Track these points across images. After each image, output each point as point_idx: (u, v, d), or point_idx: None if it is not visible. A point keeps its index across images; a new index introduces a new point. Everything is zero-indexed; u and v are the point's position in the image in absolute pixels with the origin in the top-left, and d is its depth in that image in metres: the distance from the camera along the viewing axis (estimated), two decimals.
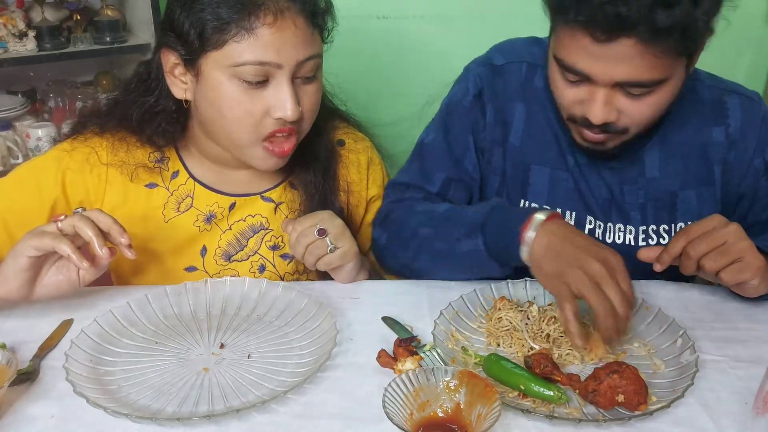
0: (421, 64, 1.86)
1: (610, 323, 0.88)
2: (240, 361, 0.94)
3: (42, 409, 0.85)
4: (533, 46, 1.22)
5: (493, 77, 1.21)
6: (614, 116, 1.01)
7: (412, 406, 0.79)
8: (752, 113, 1.15)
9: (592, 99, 1.00)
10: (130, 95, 1.16)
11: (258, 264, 1.21)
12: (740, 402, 0.86)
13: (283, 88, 1.03)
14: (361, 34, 1.81)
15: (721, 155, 1.15)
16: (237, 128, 1.06)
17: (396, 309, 1.06)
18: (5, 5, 2.16)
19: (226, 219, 1.20)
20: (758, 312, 1.06)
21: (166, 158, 1.19)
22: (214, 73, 1.04)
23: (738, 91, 1.17)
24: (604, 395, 0.83)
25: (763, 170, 1.15)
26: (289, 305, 1.06)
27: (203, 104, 1.08)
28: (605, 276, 0.89)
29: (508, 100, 1.20)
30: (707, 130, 1.15)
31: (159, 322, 1.03)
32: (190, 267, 1.19)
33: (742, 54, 2.13)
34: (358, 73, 1.29)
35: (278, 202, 1.22)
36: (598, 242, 0.97)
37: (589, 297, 0.89)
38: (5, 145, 2.13)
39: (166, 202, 1.18)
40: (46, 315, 1.03)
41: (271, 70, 1.03)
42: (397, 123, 1.31)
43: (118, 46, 2.19)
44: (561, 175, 1.17)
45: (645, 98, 1.00)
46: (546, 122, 1.19)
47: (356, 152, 1.27)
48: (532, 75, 1.20)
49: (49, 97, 2.33)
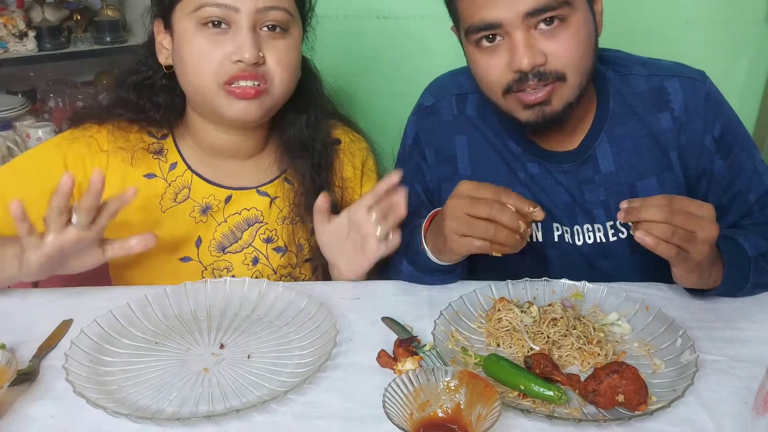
0: (421, 64, 1.86)
1: (515, 241, 0.96)
2: (240, 362, 0.94)
3: (41, 409, 0.85)
4: (459, 76, 1.26)
5: (425, 119, 1.25)
6: (541, 59, 1.01)
7: (412, 407, 0.79)
8: (694, 93, 1.14)
9: (513, 51, 1.01)
10: (129, 76, 1.19)
11: (251, 256, 1.22)
12: (740, 402, 0.86)
13: (241, 32, 1.06)
14: (361, 34, 1.81)
15: (673, 140, 1.15)
16: (197, 74, 1.09)
17: (396, 309, 1.06)
18: (5, 5, 2.17)
19: (222, 211, 1.21)
20: (758, 312, 1.06)
21: (164, 150, 1.20)
22: (182, 24, 1.09)
23: (678, 73, 1.16)
24: (604, 395, 0.83)
25: (714, 149, 1.15)
26: (289, 305, 1.06)
27: (176, 61, 1.12)
28: (493, 209, 0.95)
29: (446, 136, 1.23)
30: (653, 118, 1.15)
31: (159, 322, 1.03)
32: (184, 257, 1.20)
33: (742, 54, 2.13)
34: (357, 73, 1.30)
35: (273, 197, 1.23)
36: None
37: (491, 238, 0.96)
38: (5, 145, 2.13)
39: (164, 193, 1.19)
40: (46, 315, 1.03)
41: (230, 14, 1.06)
42: (397, 123, 1.32)
43: (118, 46, 2.20)
44: (517, 190, 1.17)
45: (560, 33, 1.01)
46: (488, 145, 1.21)
47: (352, 151, 1.29)
48: (463, 105, 1.23)
49: (49, 97, 2.33)
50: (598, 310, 1.06)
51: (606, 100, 1.16)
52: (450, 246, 1.02)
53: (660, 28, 2.04)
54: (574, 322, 0.98)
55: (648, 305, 1.03)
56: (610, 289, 1.08)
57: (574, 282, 1.10)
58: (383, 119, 1.60)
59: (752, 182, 1.15)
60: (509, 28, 1.00)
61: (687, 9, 2.05)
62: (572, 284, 1.10)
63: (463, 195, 0.99)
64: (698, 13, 2.06)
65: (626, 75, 1.17)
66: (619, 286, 1.10)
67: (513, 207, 0.96)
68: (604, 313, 1.05)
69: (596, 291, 1.09)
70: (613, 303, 1.06)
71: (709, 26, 2.07)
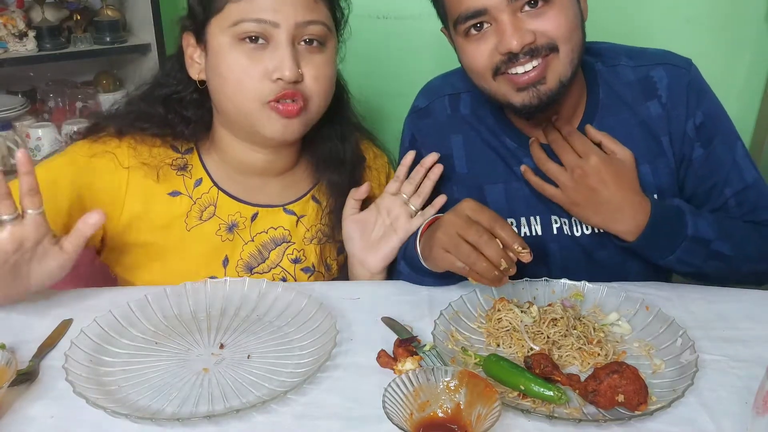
0: (421, 64, 1.86)
1: (493, 276, 0.96)
2: (240, 362, 0.94)
3: (41, 409, 0.85)
4: (450, 77, 1.27)
5: (420, 121, 1.26)
6: (530, 37, 1.02)
7: (412, 407, 0.79)
8: (678, 80, 1.15)
9: (501, 34, 1.02)
10: (155, 89, 1.17)
11: (279, 276, 1.21)
12: (740, 402, 0.86)
13: (280, 49, 1.04)
14: (362, 34, 1.81)
15: (664, 126, 1.16)
16: (238, 91, 1.06)
17: (396, 309, 1.06)
18: (5, 5, 2.16)
19: (249, 229, 1.19)
20: (758, 312, 1.06)
21: (189, 165, 1.17)
22: (217, 38, 1.07)
23: (664, 61, 1.17)
24: (604, 395, 0.83)
25: (695, 136, 1.15)
26: (289, 305, 1.05)
27: (211, 77, 1.10)
28: (481, 238, 0.96)
29: (441, 136, 1.24)
30: (643, 106, 1.16)
31: (159, 322, 1.03)
32: (212, 278, 1.16)
33: (742, 54, 2.13)
34: (357, 72, 1.30)
35: (300, 215, 1.22)
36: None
37: (470, 265, 0.97)
38: (5, 145, 2.13)
39: (189, 210, 1.16)
40: (45, 315, 1.03)
41: (269, 29, 1.04)
42: (397, 122, 1.32)
43: (118, 46, 2.19)
44: (514, 186, 1.18)
45: (546, 11, 1.02)
46: (484, 143, 1.22)
47: (377, 167, 1.30)
48: (456, 104, 1.24)
49: (49, 97, 2.33)
50: (598, 310, 1.06)
51: (596, 92, 1.18)
52: (434, 256, 1.03)
53: (660, 27, 2.04)
54: (574, 322, 0.98)
55: (648, 305, 1.03)
56: (610, 289, 1.08)
57: (574, 282, 1.10)
58: (383, 119, 1.60)
59: (730, 176, 1.16)
60: (495, 12, 1.02)
61: (687, 8, 2.06)
62: (572, 284, 1.10)
63: (462, 214, 0.99)
64: (698, 13, 2.06)
65: (614, 66, 1.19)
66: (619, 286, 1.10)
67: (502, 240, 0.96)
68: (604, 313, 1.05)
69: (596, 291, 1.09)
70: (613, 303, 1.06)
71: (709, 26, 2.07)
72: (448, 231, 0.99)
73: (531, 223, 1.20)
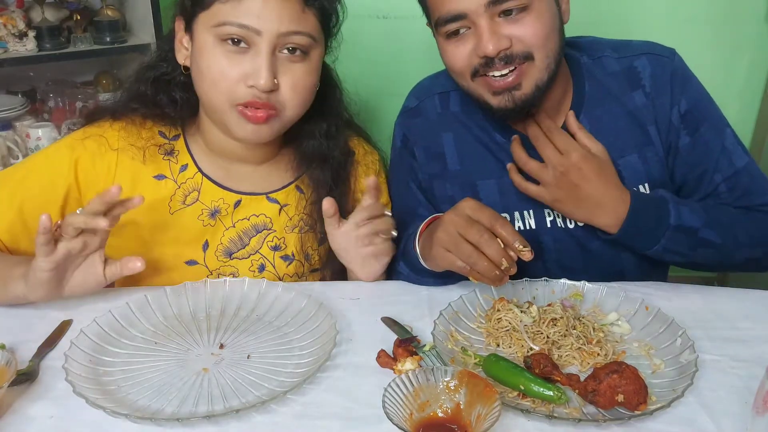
0: (421, 64, 1.86)
1: (494, 275, 0.96)
2: (239, 362, 0.94)
3: (41, 409, 0.85)
4: (440, 76, 1.28)
5: (411, 120, 1.27)
6: (506, 43, 1.04)
7: (411, 407, 0.79)
8: (662, 69, 1.16)
9: (479, 38, 1.04)
10: (147, 71, 1.19)
11: (258, 263, 1.21)
12: (740, 402, 0.86)
13: (260, 57, 1.05)
14: (361, 34, 1.81)
15: (650, 115, 1.16)
16: (213, 90, 1.08)
17: (396, 309, 1.06)
18: (5, 5, 2.16)
19: (231, 216, 1.20)
20: (758, 312, 1.06)
21: (176, 151, 1.20)
22: (202, 34, 1.08)
23: (647, 51, 1.18)
24: (603, 395, 0.83)
25: (680, 124, 1.16)
26: (289, 305, 1.06)
27: (193, 67, 1.11)
28: (482, 238, 0.96)
29: (433, 134, 1.24)
30: (628, 96, 1.17)
31: (158, 322, 1.03)
32: (190, 260, 1.19)
33: (742, 53, 2.13)
34: (357, 72, 1.30)
35: (283, 204, 1.23)
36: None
37: (471, 264, 0.97)
38: (5, 145, 2.13)
39: (173, 194, 1.18)
40: (45, 315, 1.04)
41: (251, 35, 1.04)
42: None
43: (118, 46, 2.19)
44: (507, 181, 1.18)
45: (523, 18, 1.04)
46: (475, 139, 1.22)
47: (366, 164, 1.29)
48: (446, 102, 1.25)
49: (49, 97, 2.33)
50: (598, 310, 1.06)
51: (581, 84, 1.18)
52: (434, 255, 1.03)
53: (660, 27, 2.04)
54: (573, 322, 0.98)
55: (648, 305, 1.03)
56: (610, 288, 1.08)
57: (574, 282, 1.10)
58: (382, 119, 1.60)
59: (720, 162, 1.15)
60: (473, 17, 1.04)
61: (687, 8, 2.06)
62: (572, 284, 1.10)
63: (462, 213, 1.00)
64: (698, 12, 2.06)
65: (599, 58, 1.20)
66: (618, 286, 1.10)
67: (503, 238, 0.97)
68: (603, 313, 1.05)
69: (596, 291, 1.09)
70: (613, 303, 1.06)
71: (709, 25, 2.08)
72: (449, 230, 1.00)
73: (525, 216, 1.20)
